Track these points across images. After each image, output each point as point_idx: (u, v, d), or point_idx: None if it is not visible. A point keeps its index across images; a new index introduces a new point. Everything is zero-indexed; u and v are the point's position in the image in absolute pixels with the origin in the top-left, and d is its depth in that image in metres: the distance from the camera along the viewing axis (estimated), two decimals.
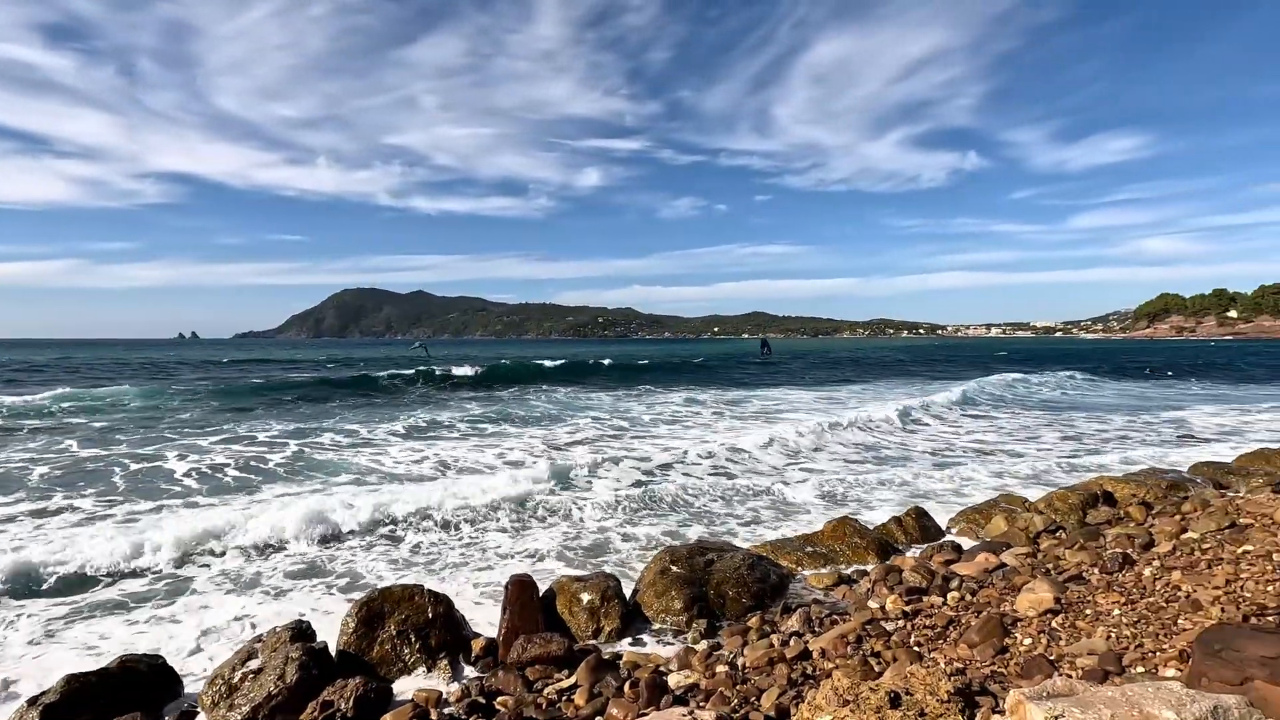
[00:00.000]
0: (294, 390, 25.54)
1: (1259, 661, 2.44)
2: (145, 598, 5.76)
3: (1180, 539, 5.75)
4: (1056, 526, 7.04)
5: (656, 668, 4.24)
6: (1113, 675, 3.23)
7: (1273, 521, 5.73)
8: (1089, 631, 3.89)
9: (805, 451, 12.76)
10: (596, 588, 5.02)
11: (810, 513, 8.26)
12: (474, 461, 11.83)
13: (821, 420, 15.48)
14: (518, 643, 4.47)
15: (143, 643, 4.87)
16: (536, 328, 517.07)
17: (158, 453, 12.07)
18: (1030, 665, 3.47)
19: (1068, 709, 2.11)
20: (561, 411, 19.70)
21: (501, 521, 7.90)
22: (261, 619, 5.26)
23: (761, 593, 5.34)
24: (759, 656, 4.13)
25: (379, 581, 5.93)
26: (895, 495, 9.17)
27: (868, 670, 3.60)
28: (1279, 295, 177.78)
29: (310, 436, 14.11)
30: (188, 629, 5.15)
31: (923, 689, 2.70)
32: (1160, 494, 8.00)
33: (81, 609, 5.51)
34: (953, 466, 11.03)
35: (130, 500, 8.83)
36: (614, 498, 8.76)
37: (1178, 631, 3.66)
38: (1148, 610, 4.05)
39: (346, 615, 4.63)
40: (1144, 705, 2.07)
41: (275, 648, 4.14)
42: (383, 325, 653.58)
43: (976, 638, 3.97)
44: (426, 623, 4.60)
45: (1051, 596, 4.39)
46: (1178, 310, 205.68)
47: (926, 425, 16.56)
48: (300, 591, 5.91)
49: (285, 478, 10.40)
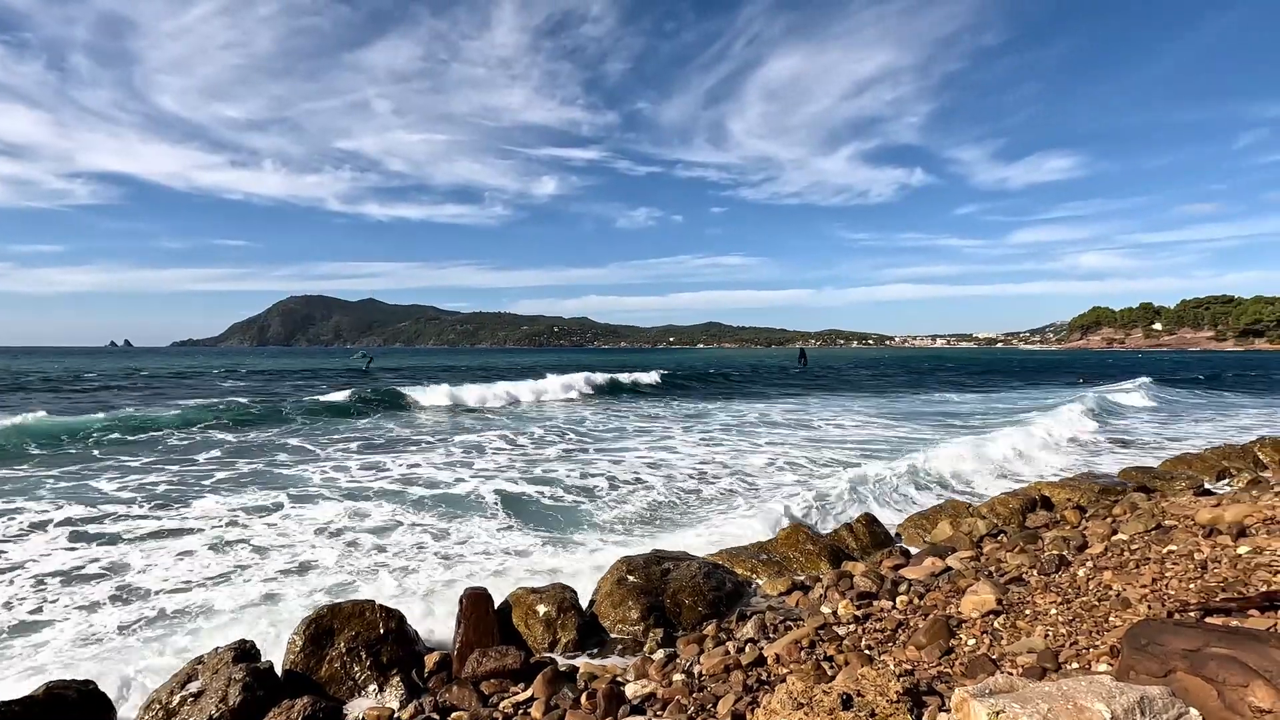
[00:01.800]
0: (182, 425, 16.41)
1: (1181, 654, 2.60)
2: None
3: (1111, 540, 6.06)
4: (998, 530, 7.32)
5: (613, 678, 4.24)
6: (1050, 672, 3.38)
7: (1194, 523, 6.09)
8: (1028, 631, 4.06)
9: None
10: (553, 599, 4.99)
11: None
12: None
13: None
14: (472, 657, 4.41)
15: (77, 668, 4.59)
16: (491, 337, 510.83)
17: None
18: (974, 664, 3.60)
19: (1008, 705, 2.21)
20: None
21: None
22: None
23: (717, 601, 5.39)
24: (715, 664, 4.17)
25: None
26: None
27: (821, 674, 3.68)
28: (1199, 309, 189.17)
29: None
30: (125, 653, 4.88)
31: (873, 690, 2.78)
32: (1093, 498, 8.40)
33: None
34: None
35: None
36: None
37: (1109, 629, 3.86)
38: (1082, 609, 4.25)
39: (293, 633, 4.48)
40: (1078, 698, 2.18)
41: (217, 669, 3.98)
42: (331, 334, 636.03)
43: (924, 639, 4.10)
44: (378, 639, 4.49)
45: (994, 598, 4.56)
46: (1109, 323, 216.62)
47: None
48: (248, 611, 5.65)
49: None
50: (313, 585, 6.11)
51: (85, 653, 4.92)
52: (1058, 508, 8.17)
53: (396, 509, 8.76)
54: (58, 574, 6.40)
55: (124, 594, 6.00)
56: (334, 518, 8.27)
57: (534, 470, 11.56)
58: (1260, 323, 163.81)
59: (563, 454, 13.40)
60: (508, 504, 9.11)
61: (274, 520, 8.22)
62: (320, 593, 5.89)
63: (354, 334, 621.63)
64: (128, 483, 10.32)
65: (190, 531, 7.72)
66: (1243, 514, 5.90)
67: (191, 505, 8.96)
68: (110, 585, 6.17)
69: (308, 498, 9.43)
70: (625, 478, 11.02)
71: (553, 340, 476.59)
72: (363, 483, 10.52)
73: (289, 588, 6.08)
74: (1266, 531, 5.33)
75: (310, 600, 5.65)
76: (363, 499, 9.35)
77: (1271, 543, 4.93)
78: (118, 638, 5.18)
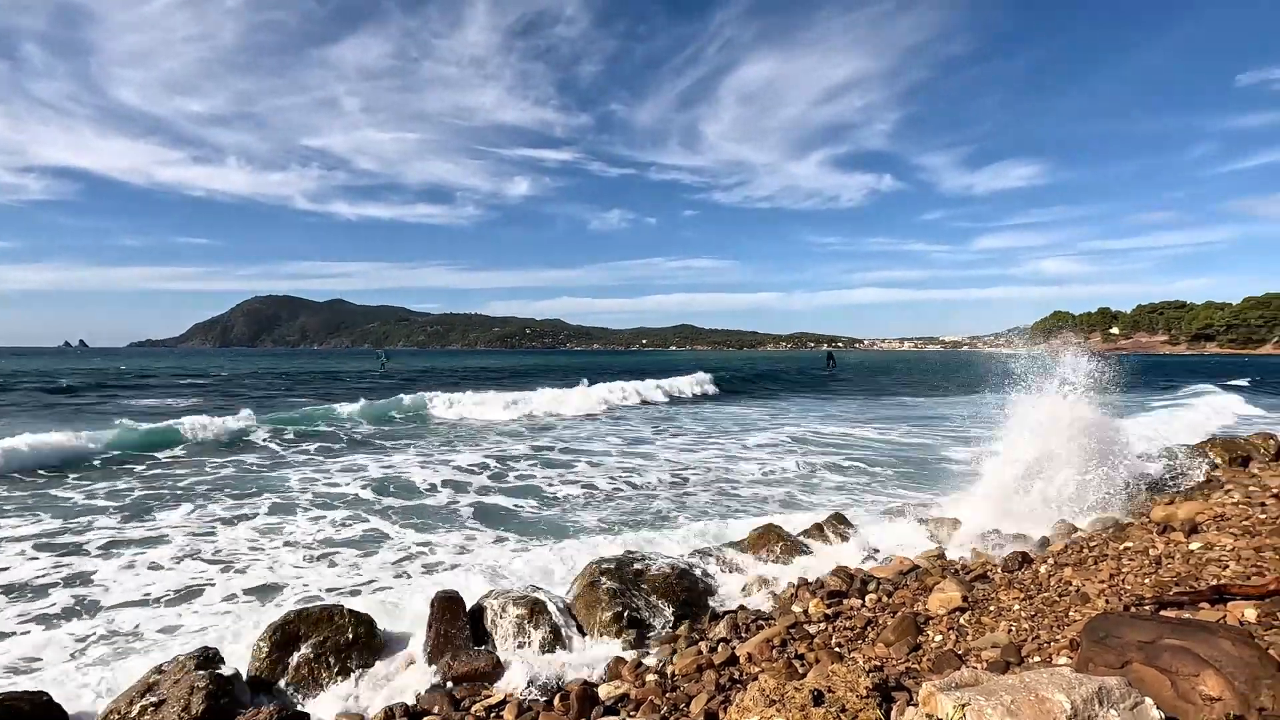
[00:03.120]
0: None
1: (1136, 646, 2.69)
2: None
3: (1072, 538, 6.23)
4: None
5: (586, 680, 4.23)
6: (1014, 665, 3.47)
7: (1150, 520, 6.30)
8: (993, 626, 4.16)
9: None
10: (525, 601, 4.96)
11: None
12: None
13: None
14: (444, 660, 4.37)
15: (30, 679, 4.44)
16: (462, 338, 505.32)
17: None
18: (941, 660, 3.68)
19: (973, 697, 2.26)
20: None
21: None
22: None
23: (690, 601, 5.42)
24: (688, 664, 4.19)
25: None
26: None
27: (792, 672, 3.72)
28: (1153, 314, 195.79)
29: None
30: (81, 658, 4.74)
31: (844, 687, 2.83)
32: None
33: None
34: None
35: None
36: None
37: (1069, 623, 3.97)
38: (1044, 605, 4.37)
39: (259, 639, 4.39)
40: (1039, 690, 2.24)
41: (178, 677, 3.88)
42: (298, 335, 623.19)
43: (892, 636, 4.18)
44: (347, 644, 4.42)
45: (959, 595, 4.67)
46: (1068, 327, 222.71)
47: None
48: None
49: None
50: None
51: (39, 663, 4.76)
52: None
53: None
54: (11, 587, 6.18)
55: (82, 603, 5.82)
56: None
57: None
58: (1211, 327, 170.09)
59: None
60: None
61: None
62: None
63: (321, 335, 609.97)
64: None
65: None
66: (1195, 512, 6.12)
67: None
68: (68, 594, 5.98)
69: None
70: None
71: (524, 342, 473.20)
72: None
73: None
74: (1217, 528, 5.54)
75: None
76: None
77: (1221, 539, 5.12)
78: (74, 645, 5.02)
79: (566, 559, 6.51)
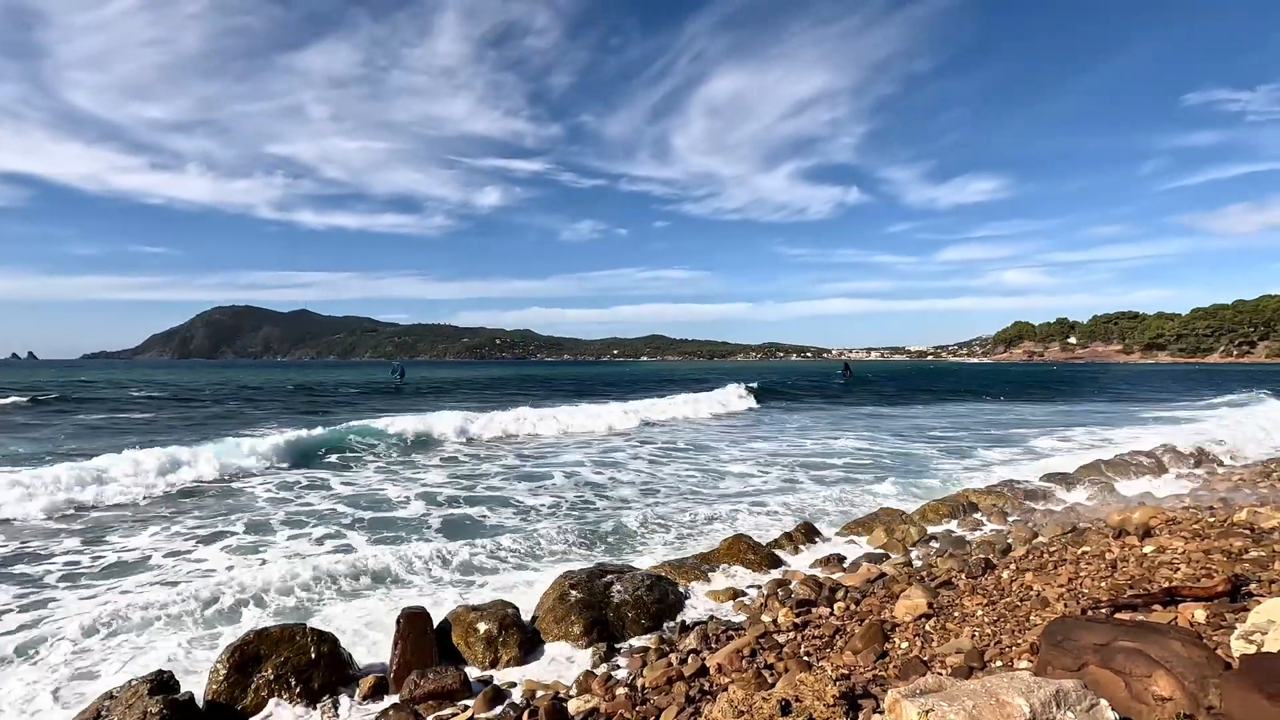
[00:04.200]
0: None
1: (1092, 648, 2.77)
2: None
3: (1032, 543, 6.39)
4: (930, 536, 7.61)
5: (556, 694, 4.19)
6: (977, 670, 3.54)
7: (1106, 525, 6.49)
8: (957, 632, 4.24)
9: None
10: (494, 616, 4.90)
11: None
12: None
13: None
14: (410, 678, 4.29)
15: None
16: (430, 349, 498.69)
17: None
18: (907, 666, 3.73)
19: (937, 703, 2.30)
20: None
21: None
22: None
23: (660, 613, 5.41)
24: (658, 676, 4.18)
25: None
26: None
27: (761, 682, 3.74)
28: (1109, 324, 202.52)
29: None
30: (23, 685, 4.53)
31: (811, 695, 2.85)
32: (1017, 503, 8.84)
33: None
34: None
35: None
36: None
37: (1030, 627, 4.06)
38: (1005, 610, 4.46)
39: (217, 661, 4.26)
40: (1000, 694, 2.29)
41: (130, 703, 3.74)
42: (260, 346, 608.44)
43: (860, 644, 4.23)
44: (309, 664, 4.31)
45: (925, 602, 4.74)
46: (1029, 337, 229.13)
47: None
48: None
49: None
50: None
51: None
52: (984, 513, 8.56)
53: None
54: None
55: (30, 623, 5.57)
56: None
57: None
58: (1162, 337, 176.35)
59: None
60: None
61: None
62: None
63: (285, 346, 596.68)
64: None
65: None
66: (1148, 516, 6.33)
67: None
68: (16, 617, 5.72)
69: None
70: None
71: (494, 353, 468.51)
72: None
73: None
74: (1168, 532, 5.73)
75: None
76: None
77: (1173, 542, 5.30)
78: (19, 668, 4.80)
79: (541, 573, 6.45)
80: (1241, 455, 13.28)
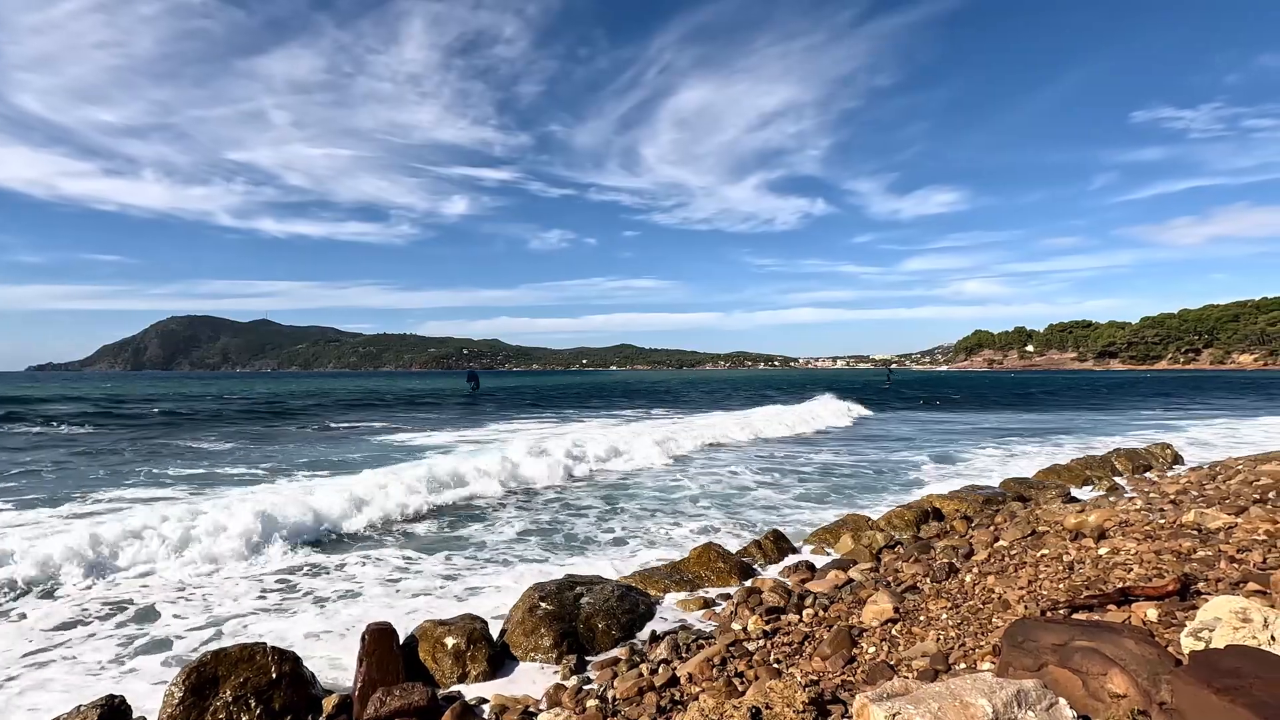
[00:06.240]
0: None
1: (1051, 649, 2.84)
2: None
3: (994, 547, 6.53)
4: (896, 542, 7.73)
5: (525, 708, 4.14)
6: (942, 673, 3.60)
7: (1063, 528, 6.67)
8: (922, 636, 4.31)
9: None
10: (462, 630, 4.83)
11: None
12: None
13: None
14: (375, 696, 4.18)
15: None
16: (395, 359, 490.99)
17: None
18: (874, 671, 3.78)
19: (903, 707, 2.34)
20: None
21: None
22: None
23: (631, 623, 5.39)
24: (629, 687, 4.16)
25: None
26: None
27: (732, 690, 3.75)
28: (1064, 333, 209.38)
29: None
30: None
31: (781, 702, 2.87)
32: (978, 508, 9.04)
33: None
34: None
35: None
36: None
37: (992, 629, 4.15)
38: (969, 613, 4.55)
39: (171, 684, 4.10)
40: (963, 696, 2.34)
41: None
42: (218, 357, 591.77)
43: (828, 650, 4.27)
44: (269, 684, 4.18)
45: (891, 607, 4.81)
46: (989, 345, 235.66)
47: None
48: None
49: None
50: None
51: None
52: (947, 518, 8.73)
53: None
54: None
55: None
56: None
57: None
58: (1114, 345, 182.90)
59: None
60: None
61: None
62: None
63: (244, 356, 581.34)
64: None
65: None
66: (1103, 519, 6.53)
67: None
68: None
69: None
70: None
71: (462, 363, 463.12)
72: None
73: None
74: (1122, 534, 5.93)
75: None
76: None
77: (1126, 544, 5.48)
78: None
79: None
80: (1189, 459, 13.80)
